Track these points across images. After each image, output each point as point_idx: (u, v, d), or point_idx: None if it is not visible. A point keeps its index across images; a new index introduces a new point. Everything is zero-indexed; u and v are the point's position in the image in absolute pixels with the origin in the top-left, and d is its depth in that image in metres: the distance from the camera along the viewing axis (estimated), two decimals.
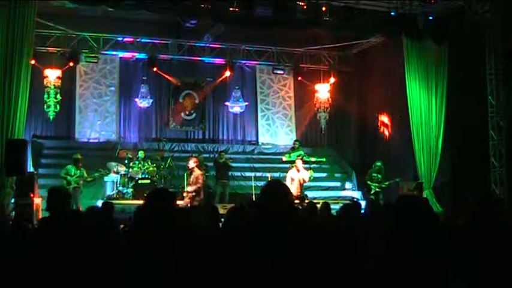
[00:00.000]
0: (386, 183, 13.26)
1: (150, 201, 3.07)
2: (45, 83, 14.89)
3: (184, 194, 10.72)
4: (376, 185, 13.20)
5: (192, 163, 10.82)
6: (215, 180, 14.07)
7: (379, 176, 13.31)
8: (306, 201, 10.60)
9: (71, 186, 11.68)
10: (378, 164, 13.47)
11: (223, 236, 4.26)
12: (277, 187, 3.00)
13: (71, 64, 15.19)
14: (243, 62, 17.14)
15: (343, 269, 2.91)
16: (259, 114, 17.68)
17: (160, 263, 2.78)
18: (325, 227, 4.59)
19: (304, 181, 11.66)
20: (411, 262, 2.69)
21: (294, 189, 11.00)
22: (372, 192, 13.18)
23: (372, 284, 2.84)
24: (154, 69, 15.87)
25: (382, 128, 16.11)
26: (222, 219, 5.06)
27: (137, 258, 2.82)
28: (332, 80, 17.41)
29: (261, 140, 17.59)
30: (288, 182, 10.91)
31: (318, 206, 8.12)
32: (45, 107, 15.00)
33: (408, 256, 2.71)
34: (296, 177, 11.51)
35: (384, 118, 15.95)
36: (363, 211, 5.98)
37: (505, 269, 3.18)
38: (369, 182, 13.32)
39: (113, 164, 13.33)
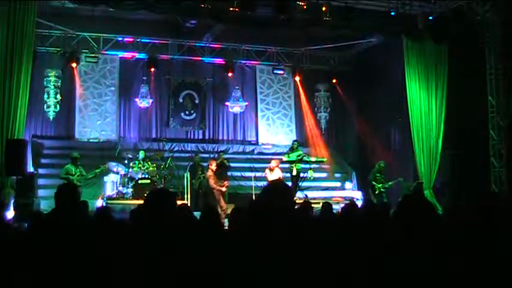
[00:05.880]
0: (390, 183, 13.26)
1: (150, 201, 3.07)
2: (45, 83, 14.90)
3: None
4: (381, 185, 13.20)
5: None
6: None
7: (382, 176, 13.32)
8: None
9: None
10: (382, 164, 13.47)
11: (226, 236, 4.25)
12: (278, 186, 3.00)
13: (71, 64, 15.19)
14: (243, 62, 17.13)
15: (347, 268, 2.90)
16: (259, 114, 17.68)
17: (161, 263, 2.77)
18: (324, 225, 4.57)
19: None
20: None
21: None
22: (377, 192, 13.18)
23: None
24: (152, 69, 15.86)
25: (382, 128, 16.10)
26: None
27: (137, 258, 2.81)
28: (332, 80, 17.42)
29: (261, 140, 17.58)
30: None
31: (317, 206, 8.09)
32: (45, 107, 15.03)
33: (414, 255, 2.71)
34: (271, 178, 11.62)
35: (384, 118, 15.94)
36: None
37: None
38: (373, 183, 13.31)
39: (113, 164, 13.31)
